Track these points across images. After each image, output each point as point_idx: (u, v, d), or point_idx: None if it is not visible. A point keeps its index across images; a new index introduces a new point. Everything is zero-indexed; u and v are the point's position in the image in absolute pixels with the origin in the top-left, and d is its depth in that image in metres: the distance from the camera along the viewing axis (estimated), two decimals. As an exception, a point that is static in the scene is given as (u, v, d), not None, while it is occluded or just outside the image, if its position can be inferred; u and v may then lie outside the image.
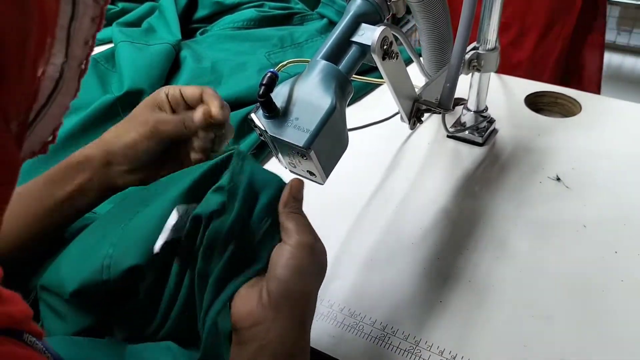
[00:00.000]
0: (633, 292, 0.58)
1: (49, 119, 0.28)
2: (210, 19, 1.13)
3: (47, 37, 0.25)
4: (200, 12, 1.13)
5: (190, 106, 0.51)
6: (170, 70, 0.93)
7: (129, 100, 0.85)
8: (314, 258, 0.42)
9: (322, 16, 1.11)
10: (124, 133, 0.50)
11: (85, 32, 0.27)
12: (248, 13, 1.09)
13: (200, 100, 0.51)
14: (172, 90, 0.51)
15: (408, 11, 0.65)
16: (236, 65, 0.93)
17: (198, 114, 0.50)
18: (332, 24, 1.08)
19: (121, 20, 1.09)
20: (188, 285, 0.44)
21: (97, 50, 1.02)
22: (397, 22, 1.66)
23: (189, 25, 1.12)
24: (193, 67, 0.92)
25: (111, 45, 1.00)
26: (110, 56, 0.97)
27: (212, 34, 1.06)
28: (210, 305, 0.42)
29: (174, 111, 0.51)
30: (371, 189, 0.73)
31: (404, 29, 1.80)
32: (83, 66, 0.28)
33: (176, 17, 1.06)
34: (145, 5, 1.13)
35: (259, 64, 0.94)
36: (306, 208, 0.70)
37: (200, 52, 0.99)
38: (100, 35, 1.09)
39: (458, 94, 0.63)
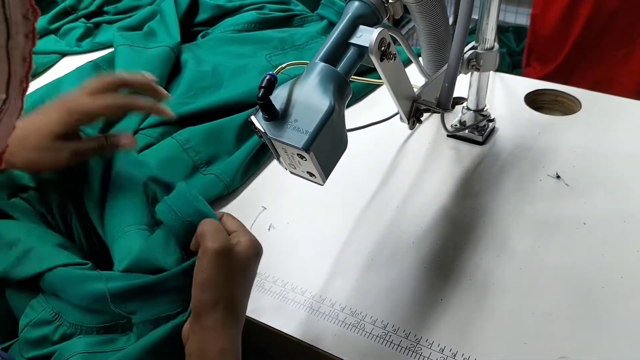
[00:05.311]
0: (633, 289, 0.58)
1: None
2: (211, 22, 1.14)
3: None
4: (201, 16, 1.14)
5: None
6: (171, 74, 0.94)
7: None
8: (223, 264, 0.45)
9: (322, 17, 1.11)
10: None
11: (22, 49, 0.28)
12: (248, 16, 1.10)
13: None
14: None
15: (408, 11, 0.66)
16: (237, 68, 0.93)
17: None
18: (332, 25, 1.08)
19: (122, 24, 1.10)
20: None
21: (99, 54, 1.02)
22: (397, 22, 1.66)
23: (190, 28, 1.13)
24: (194, 71, 0.92)
25: (113, 49, 1.01)
26: (112, 60, 0.98)
27: (213, 37, 1.07)
28: None
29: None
30: (371, 189, 0.74)
31: (404, 30, 1.80)
32: (24, 84, 0.29)
33: (176, 21, 1.06)
34: (147, 10, 1.14)
35: (260, 67, 0.94)
36: (307, 209, 0.71)
37: (201, 55, 0.99)
38: (102, 38, 1.11)
39: (458, 92, 0.63)
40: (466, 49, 0.73)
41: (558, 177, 0.73)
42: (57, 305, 0.49)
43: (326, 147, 0.47)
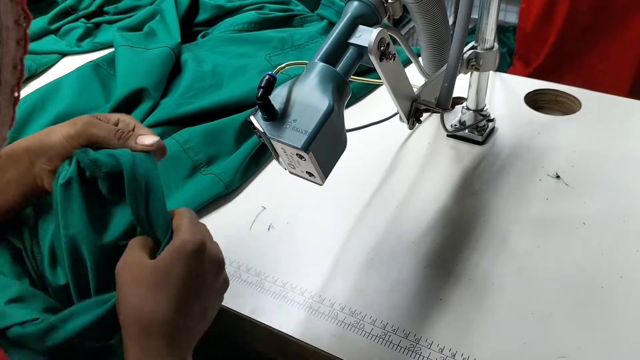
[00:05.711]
0: (632, 289, 0.58)
1: None
2: (211, 22, 1.14)
3: None
4: (202, 16, 1.14)
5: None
6: (171, 74, 0.94)
7: (126, 104, 0.86)
8: (119, 284, 0.43)
9: (322, 17, 1.11)
10: (53, 132, 0.50)
11: (13, 56, 0.27)
12: (248, 16, 1.10)
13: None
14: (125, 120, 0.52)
15: (408, 11, 0.66)
16: (237, 68, 0.94)
17: (150, 140, 0.50)
18: (332, 25, 1.08)
19: (122, 24, 1.10)
20: None
21: (99, 54, 1.03)
22: (397, 22, 1.67)
23: (191, 28, 1.13)
24: (194, 71, 0.93)
25: (113, 49, 1.01)
26: (112, 60, 0.98)
27: (213, 37, 1.07)
28: None
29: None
30: (371, 188, 0.74)
31: (404, 30, 1.80)
32: (16, 93, 0.28)
33: (176, 21, 1.06)
34: (147, 10, 1.14)
35: (260, 67, 0.94)
36: (307, 209, 0.71)
37: (202, 55, 0.99)
38: (102, 39, 1.11)
39: (458, 92, 0.63)
40: (466, 48, 0.73)
41: (558, 177, 0.73)
42: (27, 357, 0.46)
43: (325, 147, 0.47)
